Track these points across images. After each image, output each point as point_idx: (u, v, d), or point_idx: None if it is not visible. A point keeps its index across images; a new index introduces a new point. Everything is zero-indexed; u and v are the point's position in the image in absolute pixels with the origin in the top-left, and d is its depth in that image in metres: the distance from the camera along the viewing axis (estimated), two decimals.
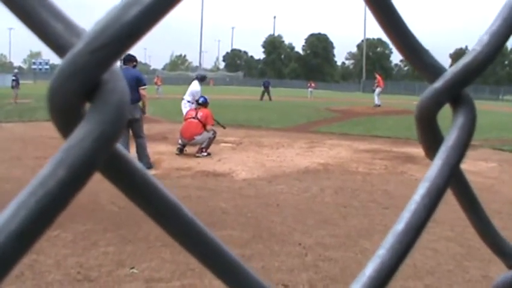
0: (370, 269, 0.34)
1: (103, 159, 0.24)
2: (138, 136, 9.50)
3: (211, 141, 11.52)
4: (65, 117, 0.24)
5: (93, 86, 0.24)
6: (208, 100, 12.22)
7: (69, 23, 0.25)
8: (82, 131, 0.23)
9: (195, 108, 12.08)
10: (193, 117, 11.63)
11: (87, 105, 0.24)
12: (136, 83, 9.21)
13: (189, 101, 13.06)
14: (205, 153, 11.28)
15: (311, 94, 50.83)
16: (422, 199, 0.37)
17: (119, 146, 0.26)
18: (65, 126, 0.24)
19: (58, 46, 0.25)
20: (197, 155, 11.20)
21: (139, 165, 0.27)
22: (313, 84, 54.60)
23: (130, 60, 9.61)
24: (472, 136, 0.41)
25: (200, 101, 12.12)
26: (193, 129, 11.33)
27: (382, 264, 0.34)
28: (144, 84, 9.62)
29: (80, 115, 0.24)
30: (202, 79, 13.93)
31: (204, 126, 11.42)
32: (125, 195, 0.27)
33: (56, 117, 0.24)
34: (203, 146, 11.34)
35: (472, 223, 0.49)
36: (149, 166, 9.33)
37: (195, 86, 13.36)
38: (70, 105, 0.23)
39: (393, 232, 0.36)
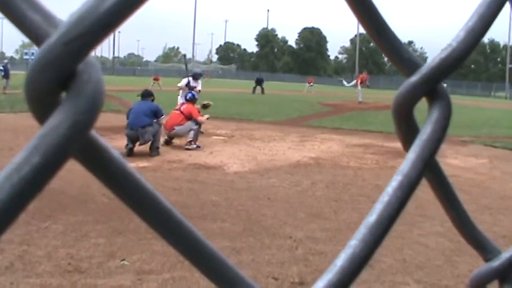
0: (341, 259, 0.35)
1: (77, 146, 0.24)
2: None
3: (197, 132, 11.52)
4: (41, 106, 0.24)
5: (68, 76, 0.24)
6: (196, 96, 12.42)
7: (47, 14, 0.25)
8: (56, 119, 0.24)
9: (182, 103, 12.36)
10: (177, 109, 11.96)
11: (64, 94, 0.25)
12: (155, 114, 10.59)
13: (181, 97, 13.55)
14: (194, 146, 11.26)
15: (308, 89, 50.79)
16: (395, 192, 0.37)
17: (96, 134, 0.27)
18: (41, 114, 0.24)
19: (36, 37, 0.25)
20: (186, 147, 11.18)
21: (115, 153, 0.28)
22: (310, 81, 54.27)
23: (148, 95, 11.23)
24: (447, 130, 0.41)
25: (187, 97, 12.32)
26: (174, 120, 11.56)
27: (354, 254, 0.35)
28: (162, 115, 10.88)
29: (56, 104, 0.24)
30: (196, 77, 14.66)
31: (186, 118, 11.51)
32: (102, 183, 0.28)
33: (32, 106, 0.24)
34: (190, 138, 11.34)
35: (450, 216, 0.49)
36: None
37: (184, 81, 14.58)
38: (45, 94, 0.24)
39: (365, 223, 0.37)
